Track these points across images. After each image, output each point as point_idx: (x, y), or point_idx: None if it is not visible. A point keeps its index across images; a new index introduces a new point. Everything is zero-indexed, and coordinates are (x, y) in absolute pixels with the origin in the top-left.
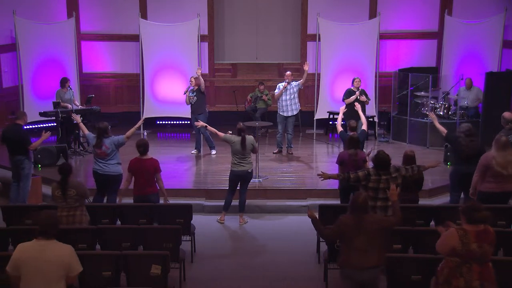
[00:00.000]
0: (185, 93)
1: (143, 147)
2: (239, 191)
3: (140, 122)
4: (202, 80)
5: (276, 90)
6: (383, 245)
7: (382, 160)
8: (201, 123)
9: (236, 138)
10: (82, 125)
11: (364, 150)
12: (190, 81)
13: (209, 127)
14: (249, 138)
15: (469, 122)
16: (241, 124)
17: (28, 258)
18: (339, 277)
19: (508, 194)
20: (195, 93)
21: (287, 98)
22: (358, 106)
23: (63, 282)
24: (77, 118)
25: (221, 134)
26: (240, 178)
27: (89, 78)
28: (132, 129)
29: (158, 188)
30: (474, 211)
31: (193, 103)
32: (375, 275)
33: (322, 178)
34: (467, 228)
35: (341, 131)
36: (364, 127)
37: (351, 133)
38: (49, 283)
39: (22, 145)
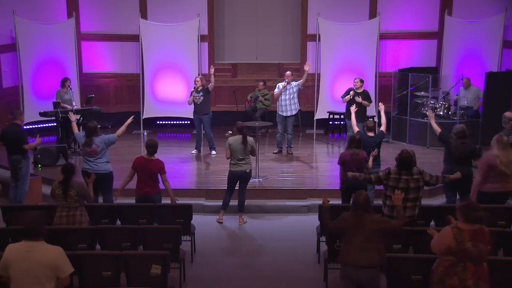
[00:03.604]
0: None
1: (153, 148)
2: (237, 191)
3: (129, 120)
4: (213, 79)
5: (276, 90)
6: (382, 246)
7: (404, 160)
8: None
9: (234, 139)
10: (74, 124)
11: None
12: (195, 81)
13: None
14: (250, 139)
15: (469, 122)
16: (240, 123)
17: (17, 259)
18: (339, 276)
19: (507, 194)
20: (201, 93)
21: (286, 98)
22: (382, 107)
23: (52, 283)
24: (72, 117)
25: (226, 153)
26: (238, 178)
27: (89, 78)
28: (123, 128)
29: (165, 189)
30: (471, 210)
31: (199, 103)
32: (372, 275)
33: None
34: (462, 227)
35: (358, 131)
36: (383, 128)
37: (368, 134)
38: (37, 284)
39: (19, 145)
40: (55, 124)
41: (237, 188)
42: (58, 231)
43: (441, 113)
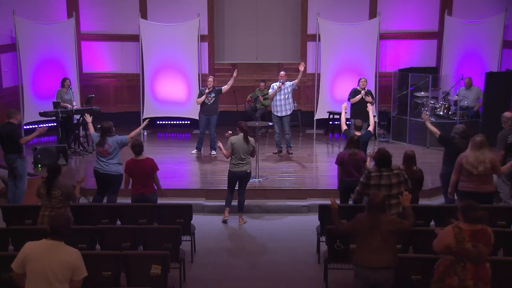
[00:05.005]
0: (203, 94)
1: (139, 147)
2: (237, 191)
3: (144, 123)
4: (232, 82)
5: (270, 90)
6: (396, 246)
7: (382, 157)
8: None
9: (236, 138)
10: (91, 125)
11: (367, 150)
12: (208, 81)
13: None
14: (251, 139)
15: (469, 122)
16: (244, 122)
17: (36, 257)
18: (352, 276)
19: (486, 195)
20: (213, 94)
21: (281, 98)
22: (370, 107)
23: (67, 285)
24: (89, 118)
25: (226, 152)
26: (239, 179)
27: (89, 78)
28: (137, 130)
29: (154, 183)
30: (470, 210)
31: (210, 103)
32: (388, 276)
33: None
34: (463, 227)
35: (345, 129)
36: (371, 128)
37: (356, 133)
38: (53, 283)
39: (14, 143)
40: (55, 124)
41: (237, 188)
42: None
43: (441, 113)
